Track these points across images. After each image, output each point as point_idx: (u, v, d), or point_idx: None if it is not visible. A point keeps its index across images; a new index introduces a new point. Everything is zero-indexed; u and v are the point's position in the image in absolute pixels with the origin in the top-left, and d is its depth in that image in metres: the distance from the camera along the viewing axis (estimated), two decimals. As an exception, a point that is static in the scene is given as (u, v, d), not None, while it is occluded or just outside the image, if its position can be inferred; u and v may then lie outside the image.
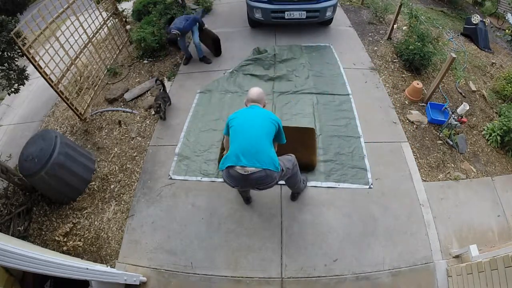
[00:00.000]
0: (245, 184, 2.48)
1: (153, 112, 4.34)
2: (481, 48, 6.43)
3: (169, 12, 5.95)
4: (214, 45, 5.27)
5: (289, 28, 5.94)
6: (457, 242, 3.07)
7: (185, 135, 4.06)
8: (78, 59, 4.51)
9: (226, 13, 6.75)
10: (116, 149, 4.04)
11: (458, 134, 4.01)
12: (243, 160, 2.33)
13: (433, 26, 5.33)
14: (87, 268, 2.35)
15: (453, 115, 3.88)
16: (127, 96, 4.76)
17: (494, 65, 5.83)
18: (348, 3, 7.17)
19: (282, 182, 3.44)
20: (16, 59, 3.56)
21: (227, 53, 5.45)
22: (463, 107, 3.78)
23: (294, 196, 3.30)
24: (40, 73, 3.69)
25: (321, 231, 3.10)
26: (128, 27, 6.14)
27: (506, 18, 8.76)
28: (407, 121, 4.19)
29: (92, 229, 3.29)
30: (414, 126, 4.13)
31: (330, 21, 5.88)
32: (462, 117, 3.87)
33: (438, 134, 4.05)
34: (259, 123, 2.48)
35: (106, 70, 5.16)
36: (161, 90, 4.41)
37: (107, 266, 2.72)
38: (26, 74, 3.67)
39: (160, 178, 3.63)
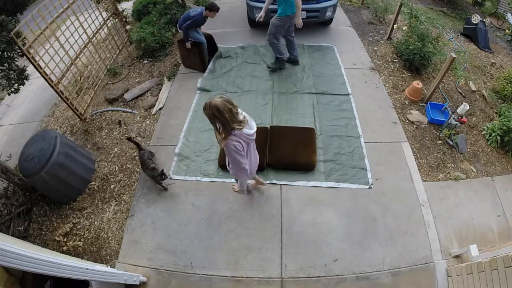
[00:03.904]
0: None
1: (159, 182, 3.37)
2: (481, 48, 6.43)
3: (169, 12, 5.95)
4: (209, 44, 5.11)
5: (289, 28, 5.93)
6: (457, 242, 3.07)
7: (185, 135, 4.06)
8: (78, 59, 4.50)
9: (226, 13, 6.73)
10: (116, 149, 4.04)
11: (458, 134, 4.01)
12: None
13: (433, 26, 5.34)
14: (87, 268, 2.35)
15: (453, 115, 3.88)
16: (127, 96, 4.76)
17: (494, 65, 5.83)
18: (348, 3, 7.17)
19: (282, 182, 3.46)
20: (16, 59, 3.56)
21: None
22: (463, 107, 3.78)
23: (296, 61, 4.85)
24: (40, 73, 3.69)
25: (321, 231, 3.11)
26: (128, 27, 6.14)
27: (506, 18, 8.77)
28: (407, 121, 4.19)
29: (92, 229, 3.29)
30: (414, 126, 4.13)
31: (330, 21, 5.89)
32: (462, 117, 3.87)
33: (438, 134, 4.05)
34: None
35: (106, 70, 5.16)
36: (141, 151, 3.49)
37: (107, 266, 2.72)
38: (26, 74, 3.67)
39: (160, 178, 3.63)
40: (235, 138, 2.20)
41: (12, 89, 3.57)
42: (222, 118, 2.09)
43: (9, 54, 3.44)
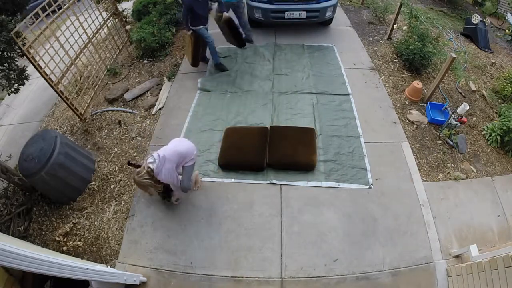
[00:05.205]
0: None
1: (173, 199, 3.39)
2: (481, 48, 6.43)
3: (169, 12, 5.95)
4: (230, 29, 4.56)
5: (289, 28, 5.94)
6: (457, 242, 3.07)
7: (185, 135, 4.05)
8: (78, 59, 4.50)
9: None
10: (116, 149, 4.04)
11: (458, 134, 4.01)
12: None
13: (433, 26, 5.34)
14: (87, 268, 2.35)
15: (453, 115, 3.88)
16: (127, 96, 4.76)
17: (494, 65, 5.82)
18: (348, 3, 7.17)
19: (282, 182, 3.46)
20: (16, 59, 3.56)
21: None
22: (463, 107, 3.78)
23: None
24: (40, 73, 3.69)
25: (321, 231, 3.11)
26: (128, 27, 6.14)
27: (506, 18, 8.76)
28: (407, 121, 4.19)
29: (92, 229, 3.29)
30: (414, 126, 4.13)
31: (330, 21, 5.89)
32: (462, 117, 3.87)
33: (438, 134, 4.05)
34: None
35: (106, 70, 5.16)
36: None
37: (107, 266, 2.73)
38: (26, 74, 3.66)
39: (160, 178, 3.62)
40: (164, 167, 2.78)
41: (12, 89, 3.56)
42: (146, 185, 2.76)
43: (9, 54, 3.43)
